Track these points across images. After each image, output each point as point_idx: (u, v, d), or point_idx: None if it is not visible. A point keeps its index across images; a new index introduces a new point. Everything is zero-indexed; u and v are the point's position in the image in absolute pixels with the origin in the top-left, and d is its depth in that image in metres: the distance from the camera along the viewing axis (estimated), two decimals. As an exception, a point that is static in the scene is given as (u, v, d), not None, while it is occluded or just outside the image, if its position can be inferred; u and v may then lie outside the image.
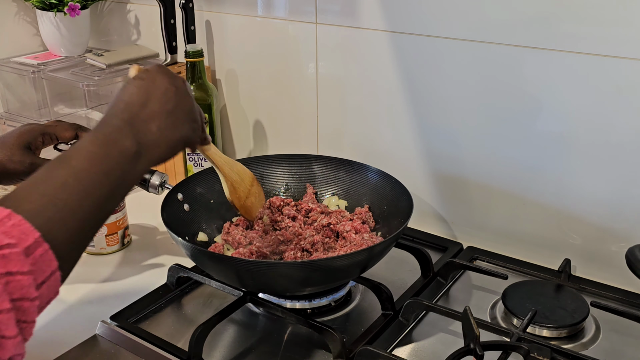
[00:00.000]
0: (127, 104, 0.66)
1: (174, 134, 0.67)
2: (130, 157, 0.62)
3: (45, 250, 0.51)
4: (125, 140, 0.62)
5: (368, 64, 1.13)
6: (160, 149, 0.66)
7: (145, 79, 0.68)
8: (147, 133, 0.65)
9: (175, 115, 0.68)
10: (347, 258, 0.86)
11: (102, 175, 0.58)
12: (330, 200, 1.09)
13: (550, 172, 1.01)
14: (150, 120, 0.65)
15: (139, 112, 0.65)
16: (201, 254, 0.88)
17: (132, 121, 0.64)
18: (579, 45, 0.92)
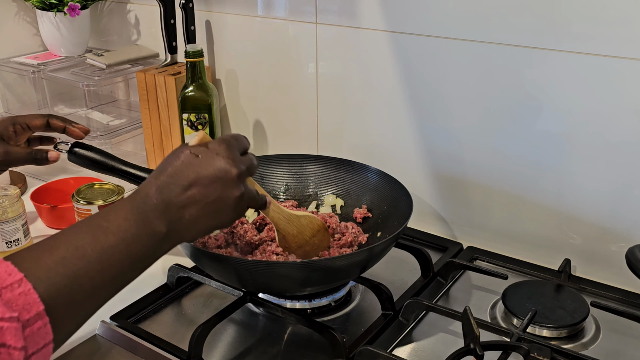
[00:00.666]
0: (169, 182, 0.62)
1: (207, 223, 0.64)
2: (158, 240, 0.61)
3: (45, 324, 0.50)
4: (158, 222, 0.60)
5: (368, 63, 1.13)
6: (188, 235, 0.64)
7: (199, 157, 0.64)
8: (180, 219, 0.62)
9: (215, 205, 0.64)
10: (346, 258, 0.86)
11: (124, 254, 0.57)
12: (328, 199, 1.09)
13: (551, 172, 1.01)
14: (188, 207, 0.62)
15: (179, 196, 0.62)
16: (200, 253, 0.88)
17: (169, 204, 0.61)
18: (579, 45, 0.92)
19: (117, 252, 0.57)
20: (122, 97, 1.55)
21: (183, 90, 1.20)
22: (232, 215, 0.67)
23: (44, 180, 1.33)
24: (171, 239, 0.63)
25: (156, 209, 0.61)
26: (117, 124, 1.40)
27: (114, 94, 1.55)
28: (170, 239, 0.63)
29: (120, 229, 0.58)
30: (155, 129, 1.32)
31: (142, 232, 0.59)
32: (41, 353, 0.50)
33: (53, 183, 1.27)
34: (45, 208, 1.19)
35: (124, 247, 0.57)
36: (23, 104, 1.48)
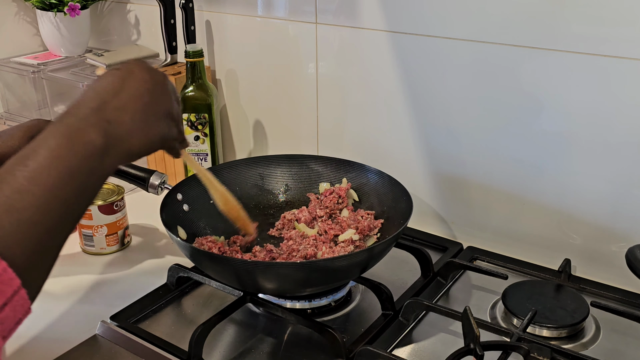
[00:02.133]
0: (97, 92, 0.58)
1: (150, 128, 0.60)
2: (98, 151, 0.54)
3: (3, 269, 0.45)
4: (91, 131, 0.54)
5: (368, 64, 1.13)
6: (133, 142, 0.59)
7: (121, 69, 0.62)
8: (118, 124, 0.57)
9: (152, 110, 0.61)
10: (346, 258, 0.86)
11: (64, 175, 0.51)
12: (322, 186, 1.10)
13: (551, 172, 1.01)
14: (123, 110, 0.58)
15: (111, 100, 0.57)
16: (200, 254, 0.88)
17: (102, 109, 0.56)
18: (579, 45, 0.92)
19: (54, 174, 0.51)
20: (122, 97, 1.55)
21: (183, 90, 1.20)
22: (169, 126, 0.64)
23: (44, 180, 1.33)
24: (112, 149, 0.56)
25: (87, 119, 0.55)
26: (117, 124, 1.39)
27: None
28: (111, 150, 0.56)
29: (51, 149, 0.52)
30: (155, 129, 1.32)
31: (76, 145, 0.53)
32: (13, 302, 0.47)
33: (53, 183, 1.27)
34: (45, 208, 1.19)
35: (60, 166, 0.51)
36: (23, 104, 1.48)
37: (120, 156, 0.58)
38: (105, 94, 0.58)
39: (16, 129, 0.89)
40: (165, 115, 0.64)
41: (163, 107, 0.63)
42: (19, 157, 0.51)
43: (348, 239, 0.98)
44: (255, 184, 1.11)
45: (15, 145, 0.87)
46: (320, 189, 1.09)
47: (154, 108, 0.62)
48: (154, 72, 0.64)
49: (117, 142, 0.57)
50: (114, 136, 0.57)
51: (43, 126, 0.90)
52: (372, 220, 1.02)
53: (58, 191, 0.51)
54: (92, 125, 0.55)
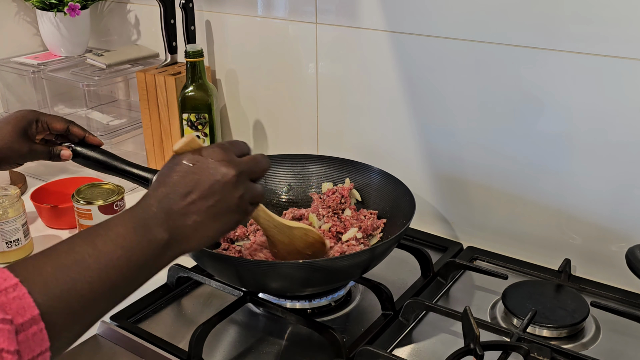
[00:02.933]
0: (168, 192, 0.62)
1: (209, 230, 0.64)
2: (159, 248, 0.60)
3: (40, 330, 0.49)
4: (158, 229, 0.60)
5: (368, 63, 1.13)
6: (191, 243, 0.63)
7: (194, 165, 0.64)
8: (181, 227, 0.62)
9: (216, 210, 0.63)
10: (348, 259, 0.86)
11: (123, 261, 0.56)
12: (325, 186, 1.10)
13: (551, 172, 1.01)
14: (189, 214, 0.62)
15: (178, 203, 0.62)
16: (201, 253, 0.88)
17: (169, 211, 0.61)
18: (579, 45, 0.92)
19: (116, 260, 0.56)
20: (122, 97, 1.55)
21: (183, 90, 1.20)
22: (235, 216, 0.66)
23: (44, 180, 1.33)
24: (173, 246, 0.62)
25: (156, 217, 0.60)
26: (117, 124, 1.40)
27: (114, 94, 1.55)
28: (172, 247, 0.61)
29: (120, 236, 0.57)
30: (155, 129, 1.32)
31: (142, 239, 0.58)
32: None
33: (53, 183, 1.27)
34: (45, 208, 1.19)
35: (123, 255, 0.56)
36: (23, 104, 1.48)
37: (178, 253, 0.63)
38: (174, 195, 0.62)
39: (5, 122, 0.89)
40: (231, 211, 0.65)
41: (227, 206, 0.65)
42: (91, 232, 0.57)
43: (352, 237, 0.98)
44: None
45: (7, 138, 0.88)
46: (323, 189, 1.09)
47: (219, 209, 0.64)
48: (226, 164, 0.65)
49: (178, 242, 0.62)
50: (176, 237, 0.61)
51: (30, 117, 0.90)
52: (374, 219, 1.02)
53: (112, 274, 0.55)
54: (158, 225, 0.60)
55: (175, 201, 0.62)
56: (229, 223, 0.66)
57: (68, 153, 0.92)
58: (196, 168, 0.64)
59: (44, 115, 0.92)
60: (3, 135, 0.88)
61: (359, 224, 1.00)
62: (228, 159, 0.66)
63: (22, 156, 0.90)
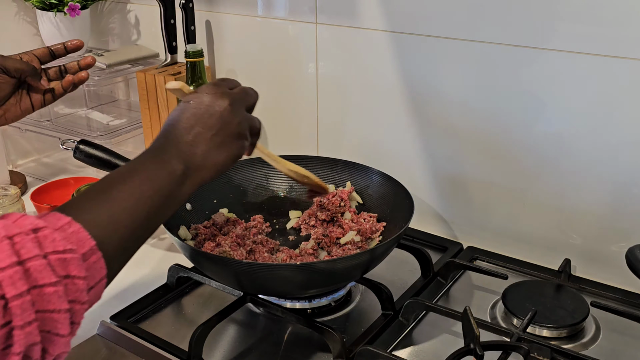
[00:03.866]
0: (174, 128, 0.69)
1: (219, 156, 0.70)
2: (178, 179, 0.66)
3: (99, 258, 0.54)
4: (174, 162, 0.66)
5: (368, 63, 1.13)
6: (204, 172, 0.69)
7: (192, 102, 0.71)
8: (192, 156, 0.68)
9: (220, 138, 0.70)
10: (347, 260, 0.86)
11: (152, 193, 0.63)
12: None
13: (551, 172, 1.01)
14: (195, 145, 0.68)
15: (185, 136, 0.68)
16: (199, 254, 0.88)
17: (179, 145, 0.68)
18: (579, 45, 0.92)
19: (146, 192, 0.62)
20: (122, 97, 1.55)
21: (183, 90, 1.20)
22: (238, 142, 0.73)
23: (44, 180, 1.33)
24: (191, 175, 0.67)
25: (169, 151, 0.67)
26: (117, 124, 1.40)
27: (114, 94, 1.55)
28: (190, 176, 0.67)
29: (145, 170, 0.64)
30: (155, 129, 1.32)
31: (162, 171, 0.65)
32: (97, 287, 0.55)
33: (53, 183, 1.27)
34: (45, 208, 1.19)
35: (151, 186, 0.63)
36: (23, 104, 1.47)
37: (196, 182, 0.68)
38: (180, 130, 0.69)
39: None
40: (234, 137, 0.72)
41: (229, 133, 0.71)
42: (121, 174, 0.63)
43: (350, 240, 0.98)
44: (260, 184, 1.11)
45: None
46: None
47: (222, 136, 0.71)
48: (218, 99, 0.72)
49: (193, 172, 0.68)
50: (190, 167, 0.67)
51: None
52: (374, 222, 1.01)
53: (145, 206, 0.62)
54: (172, 158, 0.67)
55: (182, 135, 0.68)
56: (234, 149, 0.72)
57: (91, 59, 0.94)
58: (195, 104, 0.71)
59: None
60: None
61: (357, 227, 1.00)
62: (221, 92, 0.73)
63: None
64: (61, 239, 0.51)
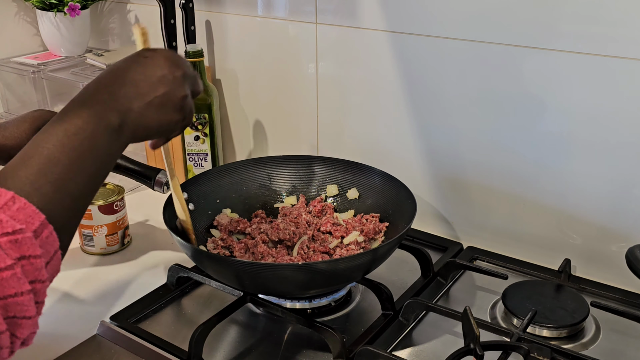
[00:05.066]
0: (118, 78, 0.65)
1: (154, 117, 0.66)
2: (114, 132, 0.62)
3: (50, 232, 0.52)
4: (111, 115, 0.62)
5: (368, 64, 1.13)
6: (141, 129, 0.66)
7: (147, 58, 0.67)
8: (129, 110, 0.64)
9: (161, 100, 0.66)
10: (349, 261, 0.86)
11: (88, 148, 0.59)
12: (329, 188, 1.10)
13: (551, 171, 1.01)
14: (134, 99, 0.64)
15: (127, 89, 0.64)
16: (201, 254, 0.88)
17: (118, 97, 0.63)
18: (579, 45, 0.92)
19: (84, 151, 0.59)
20: (122, 97, 1.55)
21: (183, 90, 1.20)
22: (176, 115, 0.69)
23: (44, 180, 1.33)
24: (126, 131, 0.64)
25: (106, 103, 0.62)
26: (117, 124, 1.39)
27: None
28: (125, 132, 0.63)
29: (80, 128, 0.59)
30: (155, 129, 1.32)
31: (99, 126, 0.61)
32: (54, 261, 0.53)
33: (53, 183, 1.27)
34: (45, 208, 1.19)
35: (88, 145, 0.59)
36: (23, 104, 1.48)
37: (130, 138, 0.65)
38: (124, 81, 0.64)
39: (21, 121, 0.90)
40: (174, 108, 0.68)
41: (173, 98, 0.67)
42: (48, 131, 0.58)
43: (353, 240, 0.98)
44: (262, 184, 1.11)
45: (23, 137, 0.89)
46: (328, 191, 1.10)
47: (163, 100, 0.66)
48: (176, 67, 0.68)
49: (128, 127, 0.64)
50: (126, 121, 0.63)
51: (47, 117, 0.91)
52: (377, 223, 1.01)
53: (85, 164, 0.58)
54: (109, 110, 0.62)
55: (125, 88, 0.64)
56: (169, 119, 0.68)
57: None
58: (149, 60, 0.67)
59: None
60: (20, 133, 0.89)
61: (360, 228, 1.00)
62: (180, 62, 0.69)
63: None
64: (8, 219, 0.49)
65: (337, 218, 1.05)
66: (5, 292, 0.47)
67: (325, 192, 1.10)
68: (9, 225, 0.49)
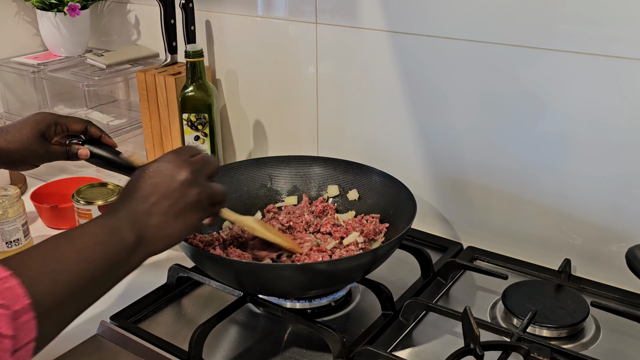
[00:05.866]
0: (131, 198, 0.68)
1: (174, 228, 0.68)
2: (129, 248, 0.64)
3: (30, 319, 0.53)
4: (127, 231, 0.64)
5: (368, 64, 1.13)
6: (159, 244, 0.68)
7: (152, 171, 0.70)
8: (147, 227, 0.66)
9: (177, 208, 0.68)
10: (349, 261, 0.86)
11: (100, 259, 0.61)
12: (330, 189, 1.10)
13: (551, 172, 1.01)
14: (152, 215, 0.67)
15: (141, 205, 0.67)
16: (200, 254, 0.88)
17: (134, 214, 0.66)
18: (579, 45, 0.92)
19: (92, 255, 0.61)
20: (122, 97, 1.55)
21: (183, 90, 1.20)
22: (196, 214, 0.71)
23: (44, 180, 1.33)
24: (142, 247, 0.66)
25: (122, 219, 0.65)
26: (117, 124, 1.40)
27: (114, 94, 1.55)
28: (141, 247, 0.65)
29: (95, 235, 0.62)
30: (155, 129, 1.32)
31: (113, 239, 0.63)
32: (23, 351, 0.52)
33: (53, 183, 1.27)
34: (45, 208, 1.19)
35: (100, 252, 0.61)
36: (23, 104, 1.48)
37: (147, 253, 0.67)
38: (137, 199, 0.67)
39: (23, 124, 0.90)
40: (192, 208, 0.70)
41: (187, 200, 0.70)
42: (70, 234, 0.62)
43: (353, 241, 0.98)
44: (263, 184, 1.11)
45: (25, 140, 0.90)
46: (329, 191, 1.09)
47: (179, 205, 0.69)
48: (177, 167, 0.70)
49: (146, 242, 0.66)
50: (144, 237, 0.66)
51: (49, 120, 0.91)
52: (377, 223, 1.01)
53: (91, 269, 0.60)
54: (125, 227, 0.65)
55: (139, 204, 0.67)
56: (191, 221, 0.70)
57: (86, 152, 0.93)
58: (154, 173, 0.70)
59: (62, 118, 0.93)
60: (22, 137, 0.89)
61: (361, 228, 1.00)
62: (182, 160, 0.71)
63: (39, 158, 0.92)
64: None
65: (337, 219, 1.05)
66: None
67: (326, 193, 1.10)
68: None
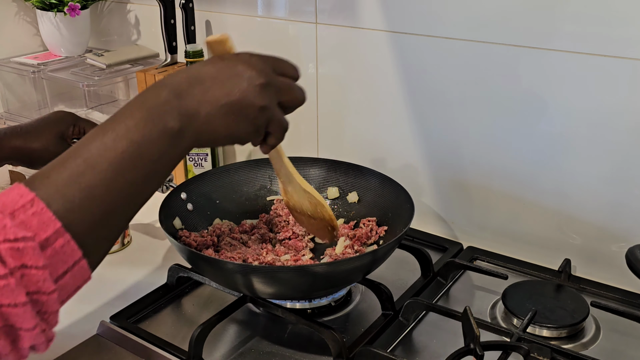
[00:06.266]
0: (185, 78, 0.58)
1: (223, 126, 0.59)
2: (172, 138, 0.55)
3: (67, 241, 0.48)
4: (170, 117, 0.55)
5: (368, 64, 1.13)
6: (205, 137, 0.58)
7: (225, 61, 0.60)
8: (195, 115, 0.57)
9: (233, 108, 0.59)
10: (349, 262, 0.85)
11: (136, 157, 0.52)
12: (330, 191, 1.10)
13: (551, 171, 1.01)
14: (204, 103, 0.57)
15: (194, 88, 0.57)
16: (197, 257, 0.87)
17: (183, 96, 0.56)
18: (579, 45, 0.92)
19: (128, 157, 0.52)
20: (122, 97, 1.55)
21: (183, 90, 1.20)
22: (248, 127, 0.61)
23: (44, 180, 1.33)
24: (186, 137, 0.56)
25: (167, 103, 0.55)
26: (117, 124, 1.39)
27: (114, 94, 1.55)
28: (185, 137, 0.56)
29: (129, 130, 0.53)
30: (155, 129, 1.32)
31: (153, 130, 0.54)
32: (73, 271, 0.49)
33: (53, 183, 1.27)
34: (45, 208, 1.19)
35: (136, 150, 0.52)
36: (23, 104, 1.48)
37: (190, 145, 0.58)
38: (195, 80, 0.58)
39: (44, 125, 0.90)
40: (246, 118, 0.61)
41: (245, 111, 0.60)
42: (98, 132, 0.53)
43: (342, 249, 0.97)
44: (263, 185, 1.11)
45: (44, 141, 0.88)
46: (329, 194, 1.09)
47: (234, 107, 0.59)
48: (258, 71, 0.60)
49: (192, 131, 0.57)
50: (190, 126, 0.56)
51: (69, 119, 0.91)
52: (374, 226, 1.01)
53: (127, 173, 0.52)
54: (169, 112, 0.55)
55: (192, 86, 0.57)
56: (240, 129, 0.61)
57: None
58: (226, 64, 0.60)
59: (81, 120, 0.93)
60: (41, 138, 0.88)
61: (353, 233, 1.00)
62: (263, 68, 0.61)
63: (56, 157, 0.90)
64: (12, 226, 0.46)
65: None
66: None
67: (325, 194, 1.10)
68: (12, 232, 0.45)
